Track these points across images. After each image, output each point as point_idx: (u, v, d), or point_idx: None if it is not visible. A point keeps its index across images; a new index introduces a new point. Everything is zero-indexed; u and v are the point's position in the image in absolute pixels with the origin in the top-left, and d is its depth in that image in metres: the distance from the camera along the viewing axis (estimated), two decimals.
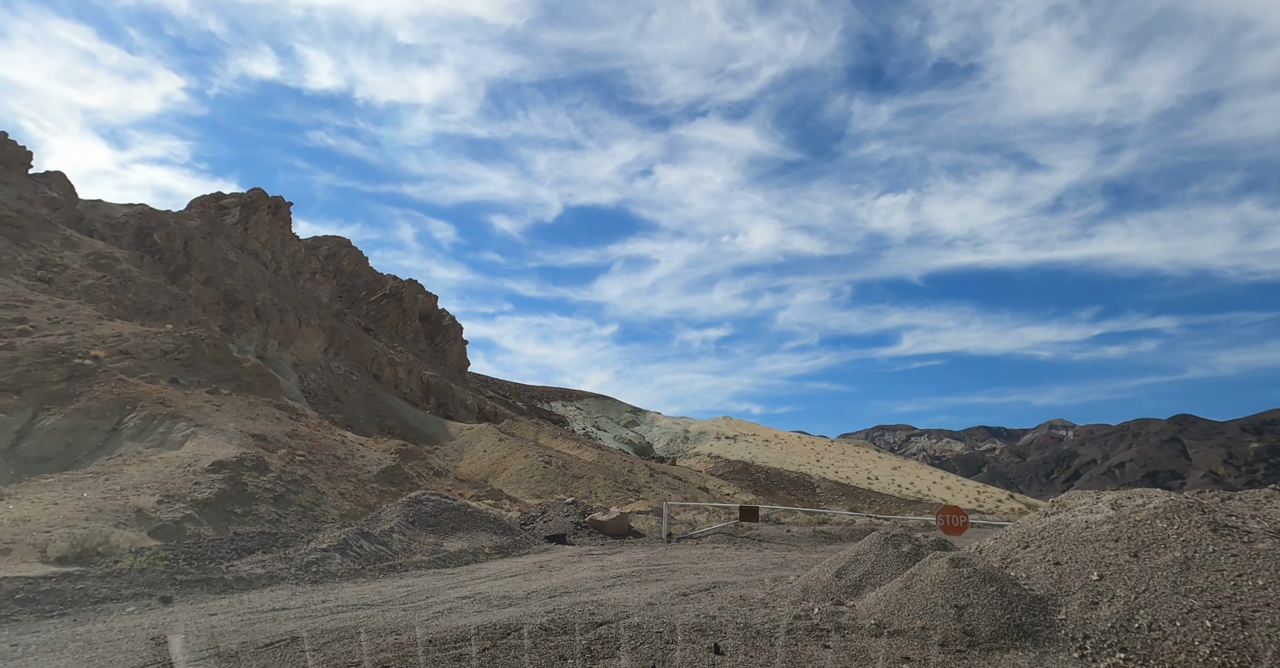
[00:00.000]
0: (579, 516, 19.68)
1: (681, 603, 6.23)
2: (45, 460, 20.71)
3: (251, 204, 77.96)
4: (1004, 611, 4.58)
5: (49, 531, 12.73)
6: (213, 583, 7.91)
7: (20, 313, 27.89)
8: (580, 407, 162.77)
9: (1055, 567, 4.98)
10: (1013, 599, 4.68)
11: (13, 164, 48.95)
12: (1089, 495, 5.92)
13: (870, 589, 5.91)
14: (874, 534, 6.99)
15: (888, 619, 5.00)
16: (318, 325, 72.52)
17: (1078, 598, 4.59)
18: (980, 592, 4.78)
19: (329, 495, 22.90)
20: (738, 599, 6.39)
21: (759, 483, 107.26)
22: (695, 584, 7.75)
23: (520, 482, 54.52)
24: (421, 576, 9.62)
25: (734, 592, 7.15)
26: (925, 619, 4.80)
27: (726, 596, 6.76)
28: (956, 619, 4.65)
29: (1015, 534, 5.76)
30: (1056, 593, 4.74)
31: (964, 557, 5.31)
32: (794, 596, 6.27)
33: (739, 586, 7.76)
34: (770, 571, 9.42)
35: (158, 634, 5.41)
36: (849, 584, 6.11)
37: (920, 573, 5.31)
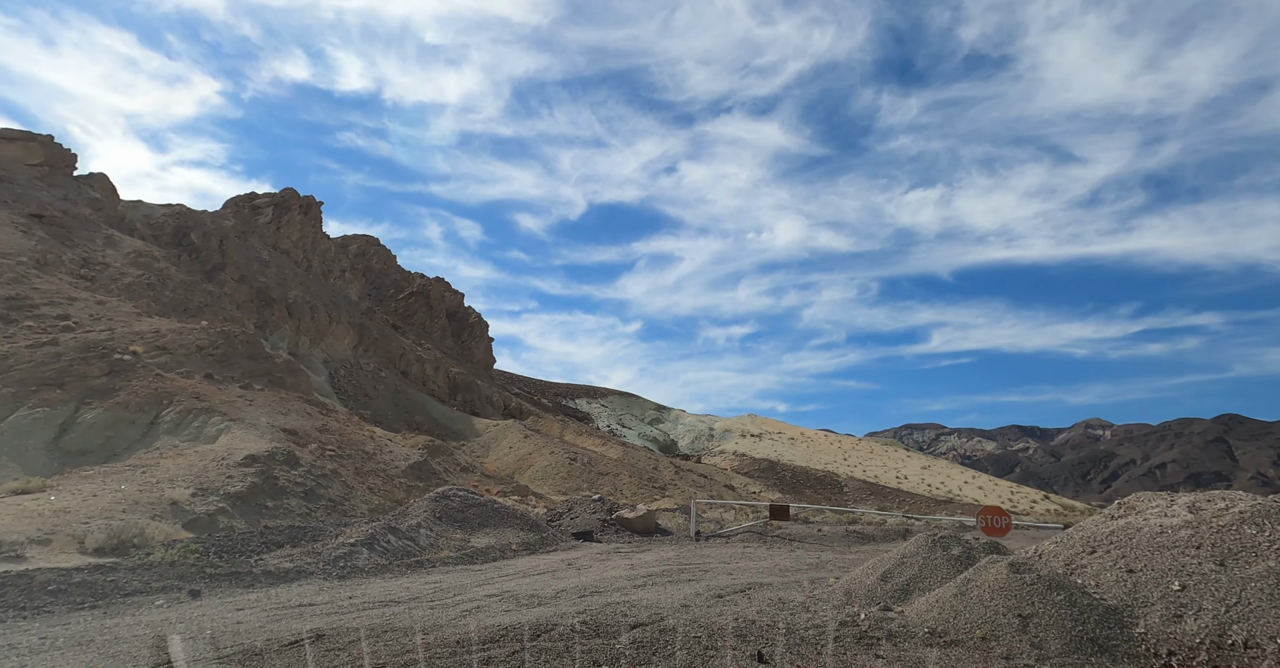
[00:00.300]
0: (606, 512, 19.49)
1: (718, 605, 5.94)
2: (87, 453, 21.25)
3: (284, 204, 79.52)
4: (1075, 622, 4.21)
5: (88, 522, 12.96)
6: (241, 577, 7.86)
7: (64, 309, 28.70)
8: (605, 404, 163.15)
9: (1129, 575, 4.58)
10: (1084, 610, 4.30)
11: (59, 166, 50.56)
12: (1160, 497, 5.48)
13: (919, 594, 5.55)
14: (920, 536, 6.62)
15: (943, 628, 4.66)
16: (347, 323, 73.68)
17: (1158, 610, 4.20)
18: (1046, 601, 4.41)
19: (358, 490, 23.10)
20: (776, 602, 6.08)
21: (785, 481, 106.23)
22: (730, 585, 7.46)
23: (546, 478, 54.70)
24: (449, 572, 9.49)
25: (771, 594, 6.84)
26: (985, 629, 4.44)
27: (764, 598, 6.46)
28: (1021, 630, 4.29)
29: (1079, 538, 5.35)
30: (1132, 603, 4.35)
31: (1024, 562, 4.93)
32: (837, 599, 5.94)
33: (775, 587, 7.45)
34: (806, 571, 9.08)
35: (183, 630, 5.31)
36: (896, 589, 5.76)
37: (976, 579, 4.95)
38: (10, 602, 6.19)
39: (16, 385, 22.54)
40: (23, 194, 43.20)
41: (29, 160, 47.90)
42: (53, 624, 5.73)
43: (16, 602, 6.20)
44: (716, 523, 22.36)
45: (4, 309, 27.06)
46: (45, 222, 40.74)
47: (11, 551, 10.59)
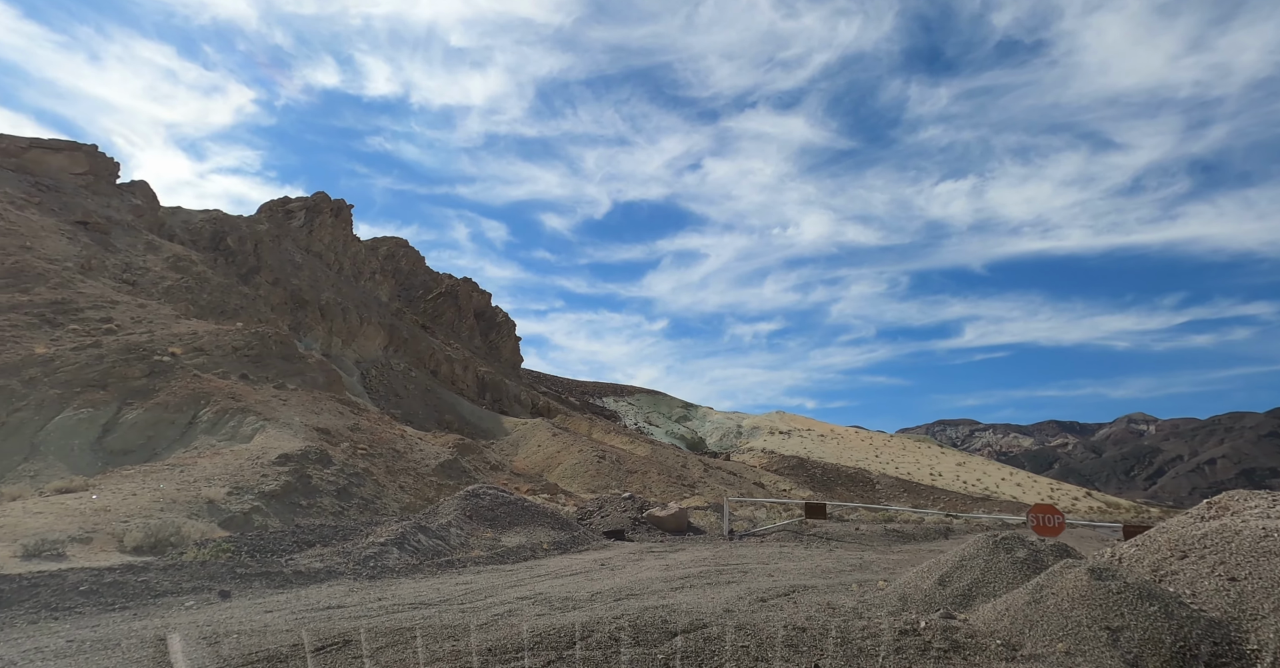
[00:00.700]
0: (637, 511, 19.22)
1: (763, 611, 5.58)
2: (128, 453, 21.73)
3: (315, 208, 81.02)
4: (1174, 636, 3.75)
5: (127, 520, 13.13)
6: (272, 577, 7.75)
7: (107, 313, 29.49)
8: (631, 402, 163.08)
9: (1231, 584, 4.09)
10: (1183, 623, 3.84)
11: (102, 175, 52.18)
12: (1259, 496, 4.95)
13: (983, 601, 5.12)
14: (979, 537, 6.15)
15: (1017, 639, 4.23)
16: (378, 324, 74.77)
17: (1271, 624, 3.72)
18: (1138, 612, 3.95)
19: (389, 489, 23.22)
20: (825, 607, 5.69)
21: (815, 479, 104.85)
22: (772, 588, 7.08)
23: (574, 476, 54.71)
24: (480, 572, 9.29)
25: (817, 597, 6.45)
26: (1068, 643, 4.01)
27: (811, 602, 6.07)
28: (1111, 644, 3.84)
29: (1164, 542, 4.85)
30: (1239, 617, 3.87)
31: (1105, 568, 4.46)
32: (891, 605, 5.53)
33: (821, 590, 7.04)
34: (850, 573, 8.65)
35: (210, 633, 5.14)
36: (956, 594, 5.33)
37: (1051, 585, 4.50)
38: (43, 602, 6.13)
39: (62, 387, 23.17)
40: (69, 202, 44.66)
41: (75, 170, 49.51)
42: (81, 626, 5.63)
43: (49, 602, 6.15)
44: (749, 521, 21.91)
45: (51, 313, 27.90)
46: (90, 228, 42.02)
47: (53, 549, 10.73)
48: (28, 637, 5.26)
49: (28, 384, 22.71)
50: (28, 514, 12.95)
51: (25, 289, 29.07)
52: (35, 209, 40.06)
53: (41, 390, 22.68)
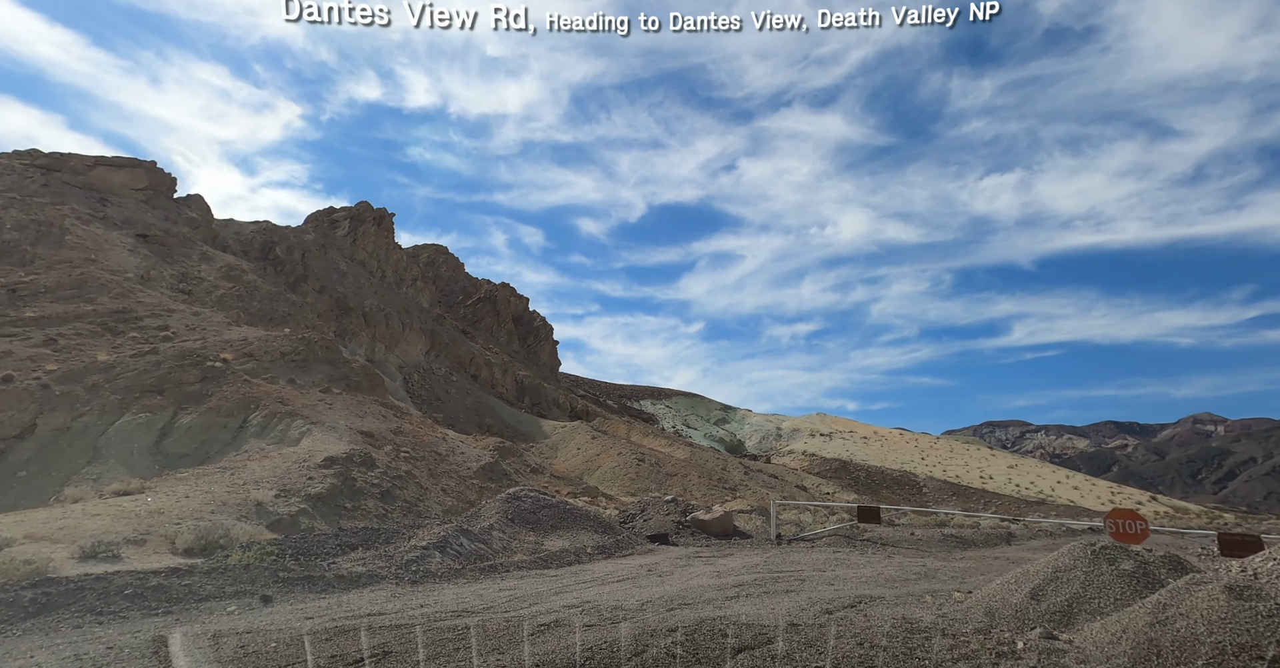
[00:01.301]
0: (680, 514, 18.75)
1: (831, 624, 5.07)
2: (184, 456, 22.35)
3: (359, 217, 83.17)
4: None
5: (179, 523, 13.33)
6: (314, 581, 7.59)
7: (164, 321, 30.58)
8: (669, 405, 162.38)
9: None
10: None
11: (161, 190, 54.53)
12: None
13: (1086, 619, 4.52)
14: (1074, 545, 5.52)
15: (1141, 667, 3.66)
16: (420, 329, 76.15)
17: None
18: None
19: (432, 491, 23.32)
20: (902, 623, 5.15)
21: (859, 482, 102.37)
22: (836, 598, 6.55)
23: (614, 479, 54.49)
24: (523, 578, 8.98)
25: (888, 610, 5.91)
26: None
27: (884, 616, 5.53)
28: None
29: None
30: None
31: (1246, 586, 3.84)
32: (977, 620, 4.97)
33: (889, 601, 6.49)
34: (916, 582, 8.03)
35: (246, 643, 4.92)
36: (1053, 610, 4.74)
37: (1177, 604, 3.90)
38: (89, 606, 6.06)
39: (123, 393, 24.02)
40: (130, 216, 46.72)
41: (135, 185, 51.83)
42: (124, 631, 5.51)
43: (94, 606, 6.07)
44: (796, 525, 21.20)
45: (113, 321, 29.05)
46: (149, 241, 43.84)
47: (109, 550, 10.90)
48: (70, 643, 5.13)
49: (91, 390, 23.60)
50: (87, 516, 13.27)
51: (90, 299, 30.37)
52: (100, 223, 41.99)
53: (103, 396, 23.54)
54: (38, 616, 5.83)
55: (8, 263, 32.00)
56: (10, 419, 21.56)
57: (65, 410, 22.53)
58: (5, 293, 28.75)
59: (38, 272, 31.62)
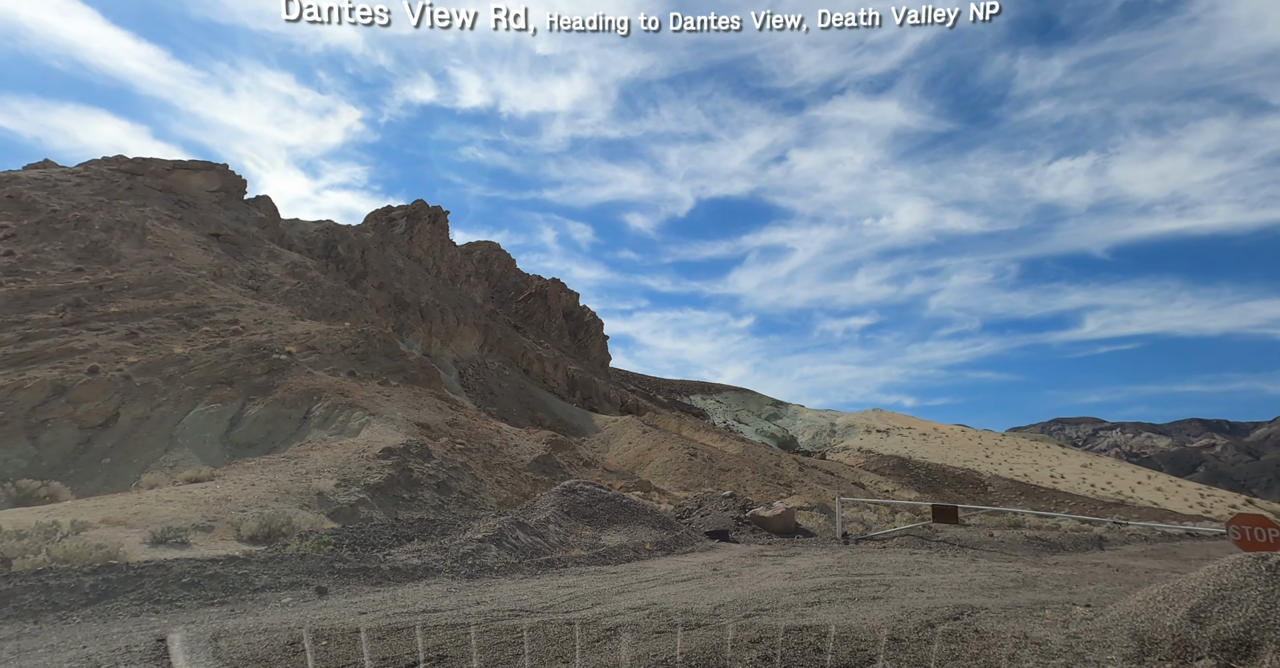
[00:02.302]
0: (739, 510, 18.07)
1: (940, 643, 4.38)
2: (252, 446, 23.11)
3: (415, 215, 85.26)
4: None
5: (244, 510, 13.59)
6: (369, 573, 7.36)
7: (234, 315, 31.83)
8: (720, 400, 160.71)
9: None
10: None
11: (232, 192, 57.16)
12: None
13: (1275, 651, 3.70)
14: (1238, 559, 4.65)
15: None
16: (473, 324, 77.55)
17: None
18: None
19: (486, 483, 23.37)
20: (1026, 643, 4.41)
21: (919, 479, 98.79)
22: (933, 608, 5.83)
23: (666, 474, 54.02)
24: (582, 574, 8.56)
25: (997, 624, 5.16)
26: None
27: (999, 633, 4.79)
28: None
29: None
30: None
31: None
32: (1121, 644, 4.19)
33: (995, 614, 5.72)
34: (1016, 590, 7.18)
35: (295, 640, 4.62)
36: (1225, 636, 3.93)
37: None
38: (146, 594, 5.95)
39: (196, 384, 25.04)
40: (204, 217, 49.08)
41: (209, 187, 54.45)
42: (177, 622, 5.33)
43: (151, 594, 5.96)
44: (861, 524, 20.21)
45: (188, 316, 30.41)
46: (221, 240, 45.93)
47: (178, 536, 11.11)
48: (123, 633, 4.96)
49: (168, 381, 24.69)
50: (160, 502, 13.68)
51: (167, 295, 31.89)
52: (177, 223, 44.21)
53: (179, 387, 24.59)
54: (97, 602, 5.74)
55: (96, 261, 33.95)
56: (96, 409, 22.74)
57: (145, 400, 23.62)
58: (93, 289, 30.47)
59: (122, 269, 33.41)
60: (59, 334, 26.50)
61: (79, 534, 10.09)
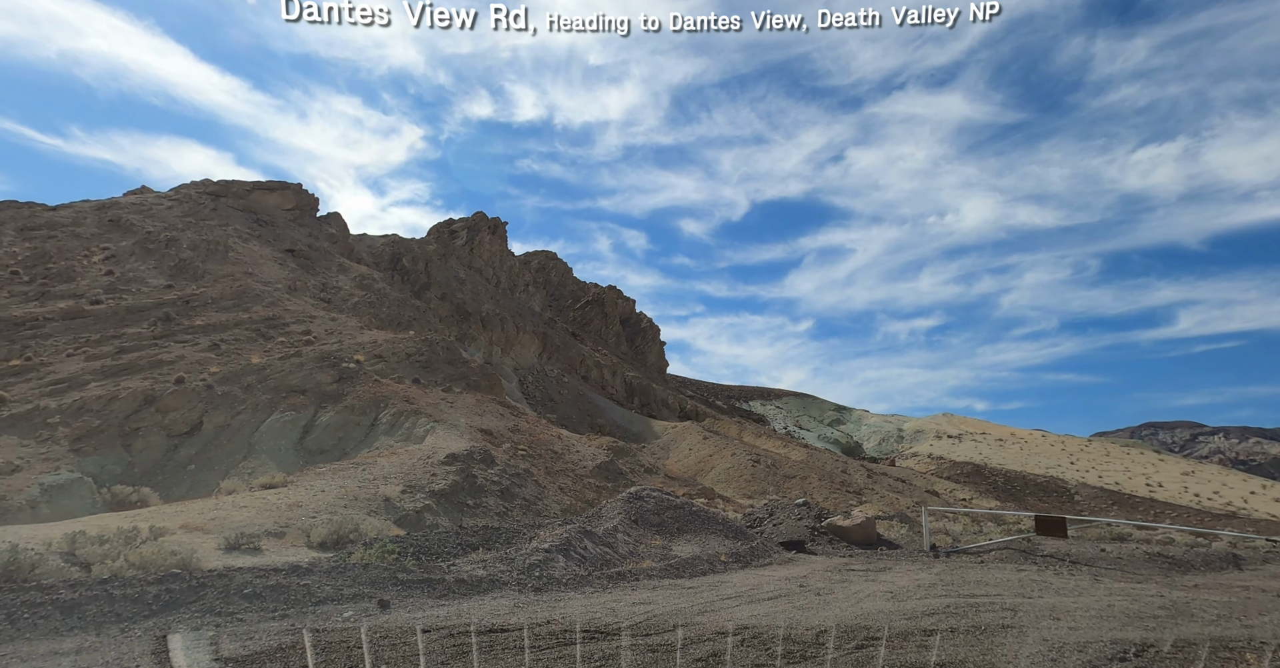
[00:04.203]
0: (813, 519, 17.01)
1: None
2: (323, 452, 23.66)
3: (475, 227, 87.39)
4: None
5: (315, 516, 13.64)
6: (433, 585, 6.95)
7: (307, 326, 33.02)
8: (780, 405, 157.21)
9: None
10: None
11: (306, 209, 60.00)
12: None
13: None
14: None
15: None
16: (532, 332, 78.53)
17: None
18: None
19: (549, 490, 23.09)
20: None
21: (997, 487, 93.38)
22: (1085, 644, 4.87)
23: (729, 480, 52.79)
24: (656, 589, 7.91)
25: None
26: None
27: None
28: None
29: None
30: None
31: None
32: None
33: (1174, 656, 4.71)
34: (1175, 622, 6.05)
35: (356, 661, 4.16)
36: None
37: None
38: (207, 606, 5.70)
39: (272, 393, 25.93)
40: (280, 234, 51.59)
41: (285, 206, 57.31)
42: (236, 637, 5.00)
43: (213, 606, 5.70)
44: (947, 535, 18.74)
45: (264, 328, 31.71)
46: (295, 255, 48.08)
47: (250, 542, 11.14)
48: (182, 650, 4.63)
49: (246, 390, 25.67)
50: (235, 508, 13.92)
51: (246, 308, 33.40)
52: (256, 241, 46.57)
53: (256, 395, 25.52)
54: (159, 614, 5.51)
55: (184, 277, 35.98)
56: (182, 417, 23.82)
57: (226, 409, 24.60)
58: (181, 304, 32.22)
59: (206, 285, 35.27)
60: (150, 347, 28.05)
61: (157, 540, 10.21)
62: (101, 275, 34.51)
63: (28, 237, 38.44)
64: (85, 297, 31.62)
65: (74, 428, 22.00)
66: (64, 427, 22.09)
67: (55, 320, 29.38)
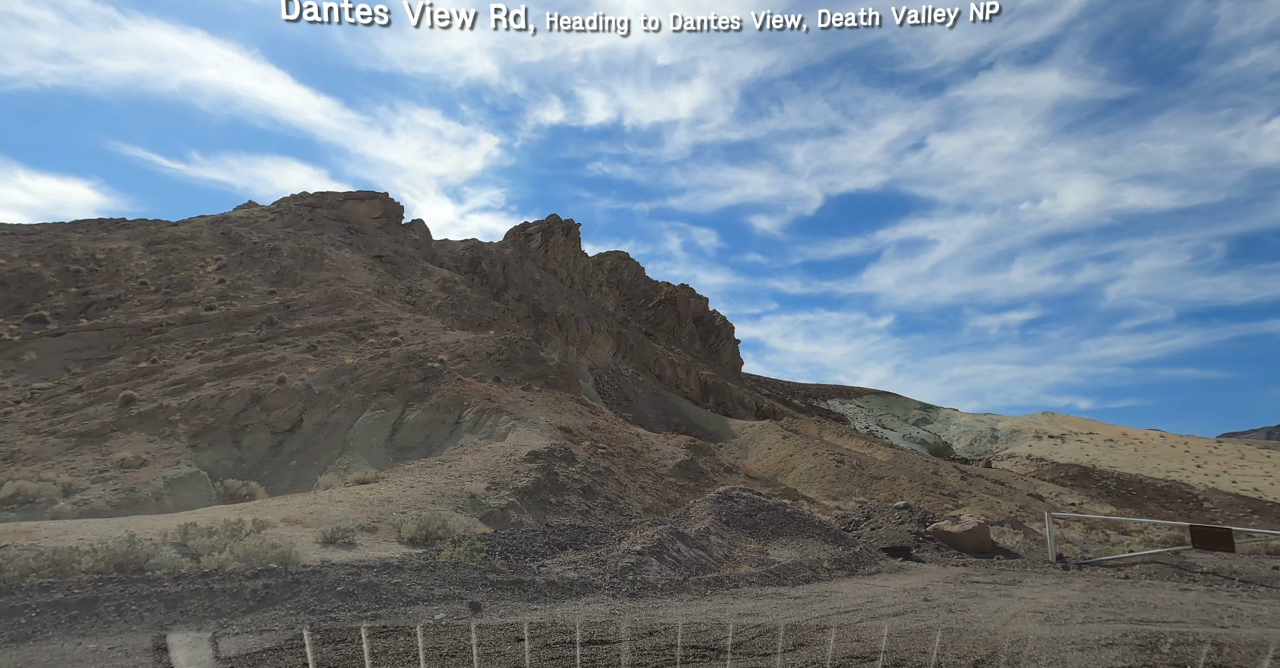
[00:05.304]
0: (916, 523, 15.75)
1: None
2: (411, 449, 24.35)
3: (549, 230, 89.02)
4: None
5: (404, 512, 13.82)
6: (524, 587, 6.59)
7: (394, 328, 34.33)
8: (860, 404, 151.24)
9: None
10: None
11: (392, 217, 62.94)
12: None
13: None
14: None
15: None
16: (606, 332, 79.04)
17: None
18: None
19: (630, 489, 22.75)
20: None
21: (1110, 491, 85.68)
22: None
23: (811, 481, 50.89)
24: (760, 598, 7.24)
25: None
26: None
27: None
28: None
29: None
30: None
31: None
32: None
33: None
34: None
35: None
36: None
37: None
38: (302, 603, 5.55)
39: (363, 392, 27.00)
40: (369, 240, 54.27)
41: (373, 214, 60.31)
42: (328, 640, 4.75)
43: (307, 603, 5.55)
44: (1070, 543, 16.94)
45: (356, 330, 33.21)
46: (383, 260, 50.39)
47: (345, 537, 11.32)
48: (269, 654, 4.40)
49: (340, 389, 26.85)
50: (332, 503, 14.32)
51: (339, 311, 35.13)
52: (348, 248, 49.15)
53: (350, 394, 26.64)
54: (256, 610, 5.40)
55: (284, 284, 38.31)
56: (284, 415, 25.16)
57: (323, 407, 25.80)
58: (282, 309, 34.26)
59: (304, 290, 37.39)
60: (256, 349, 29.91)
61: (260, 533, 10.50)
62: (215, 283, 37.28)
63: (154, 250, 42.15)
64: (201, 303, 34.19)
65: (191, 425, 23.65)
66: (183, 424, 23.80)
67: (176, 326, 31.91)
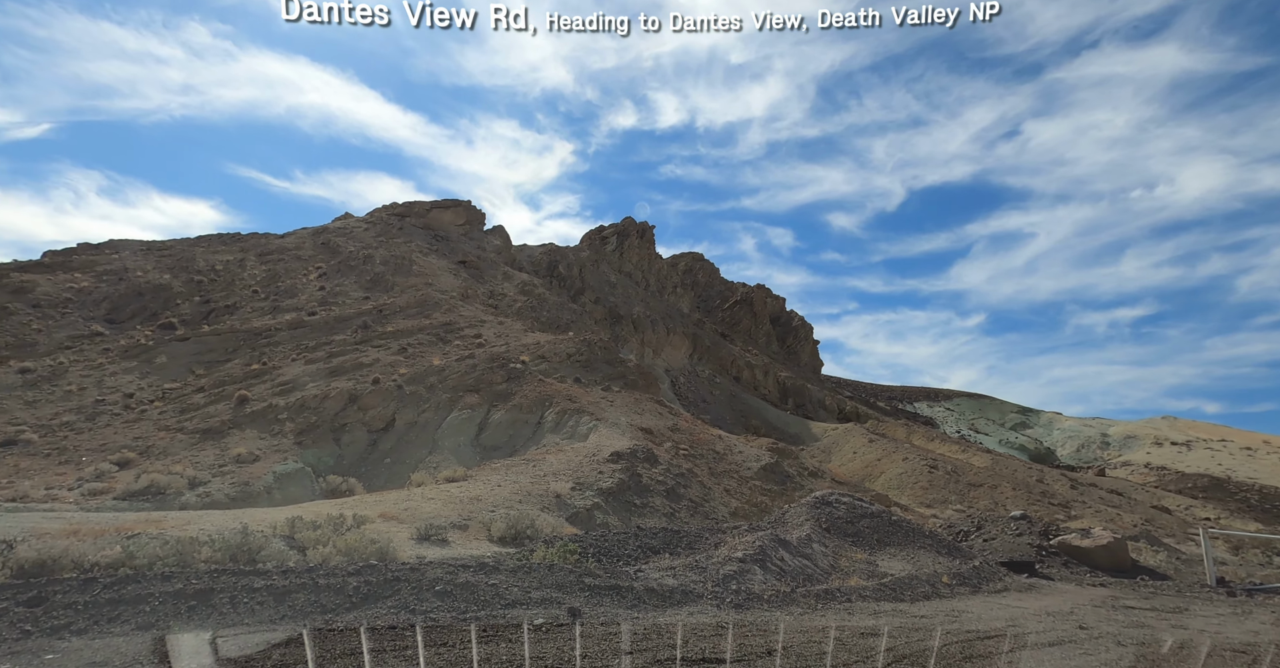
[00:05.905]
0: (1036, 536, 14.30)
1: None
2: (496, 448, 24.79)
3: (624, 232, 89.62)
4: None
5: (493, 510, 13.89)
6: (622, 593, 6.23)
7: (478, 330, 35.30)
8: (950, 407, 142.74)
9: None
10: None
11: (474, 224, 65.25)
12: None
13: None
14: None
15: None
16: (682, 334, 78.52)
17: None
18: None
19: (715, 491, 22.14)
20: None
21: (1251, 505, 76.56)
22: None
23: (902, 487, 48.25)
24: (878, 615, 6.55)
25: None
26: None
27: None
28: None
29: None
30: None
31: None
32: None
33: None
34: None
35: None
36: None
37: None
38: (402, 602, 5.43)
39: (451, 392, 27.81)
40: (454, 246, 56.40)
41: (457, 222, 62.73)
42: (430, 643, 4.54)
43: (407, 602, 5.42)
44: (1223, 564, 14.89)
45: (442, 332, 34.38)
46: (466, 266, 52.18)
47: (438, 534, 11.44)
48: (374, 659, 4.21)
49: (429, 390, 27.78)
50: (424, 500, 14.62)
51: (427, 315, 36.51)
52: (434, 254, 51.24)
53: (438, 395, 27.50)
54: (359, 607, 5.31)
55: (377, 289, 40.29)
56: (379, 414, 26.28)
57: (413, 407, 26.76)
58: (375, 313, 35.99)
59: (395, 296, 39.17)
60: (352, 351, 31.50)
61: (360, 528, 10.74)
62: (316, 290, 39.70)
63: (264, 261, 45.49)
64: (304, 309, 36.45)
65: (297, 423, 25.08)
66: (289, 422, 25.29)
67: (283, 330, 34.14)
